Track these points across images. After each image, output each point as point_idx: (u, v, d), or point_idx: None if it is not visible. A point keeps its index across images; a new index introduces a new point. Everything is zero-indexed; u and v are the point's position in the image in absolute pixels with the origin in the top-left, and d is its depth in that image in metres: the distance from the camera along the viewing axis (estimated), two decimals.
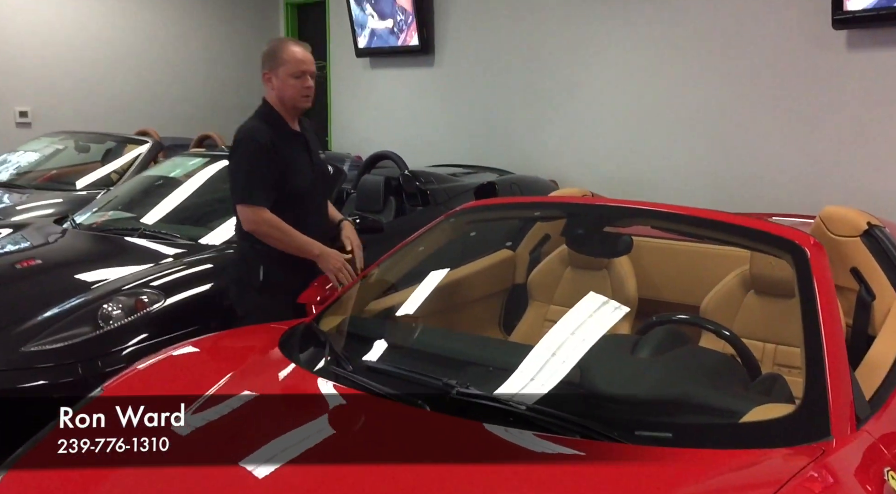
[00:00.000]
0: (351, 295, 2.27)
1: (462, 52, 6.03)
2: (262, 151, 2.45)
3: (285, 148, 2.51)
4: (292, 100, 2.53)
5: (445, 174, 4.68)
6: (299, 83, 2.51)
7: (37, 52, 6.44)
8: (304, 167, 2.55)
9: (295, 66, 2.50)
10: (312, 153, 2.61)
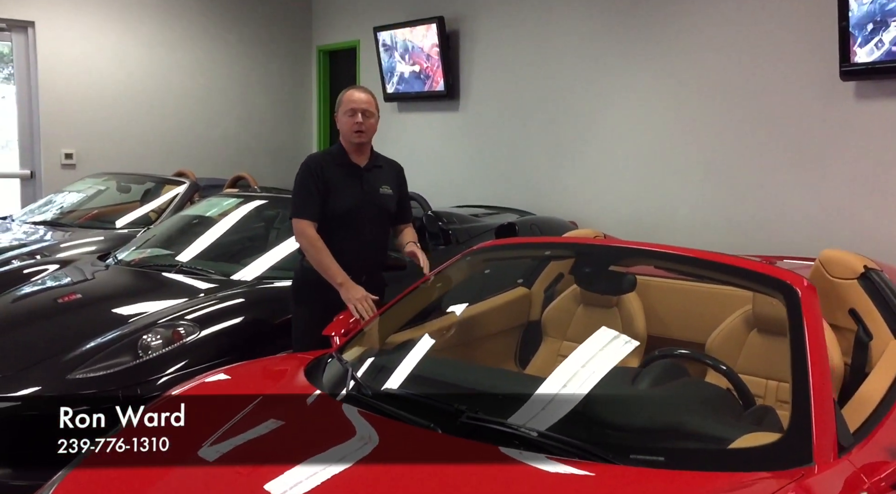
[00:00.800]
0: (373, 328, 2.42)
1: (486, 97, 6.25)
2: (309, 175, 2.83)
3: (333, 175, 2.83)
4: (347, 135, 2.88)
5: (468, 215, 4.86)
6: (350, 120, 2.84)
7: (82, 98, 6.80)
8: (348, 194, 2.83)
9: (346, 105, 2.86)
10: (366, 184, 2.88)
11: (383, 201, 2.93)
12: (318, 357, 2.29)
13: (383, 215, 2.94)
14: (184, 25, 7.31)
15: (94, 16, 6.78)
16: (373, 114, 2.91)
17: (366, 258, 2.88)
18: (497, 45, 6.10)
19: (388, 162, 3.06)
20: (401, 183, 3.05)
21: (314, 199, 2.80)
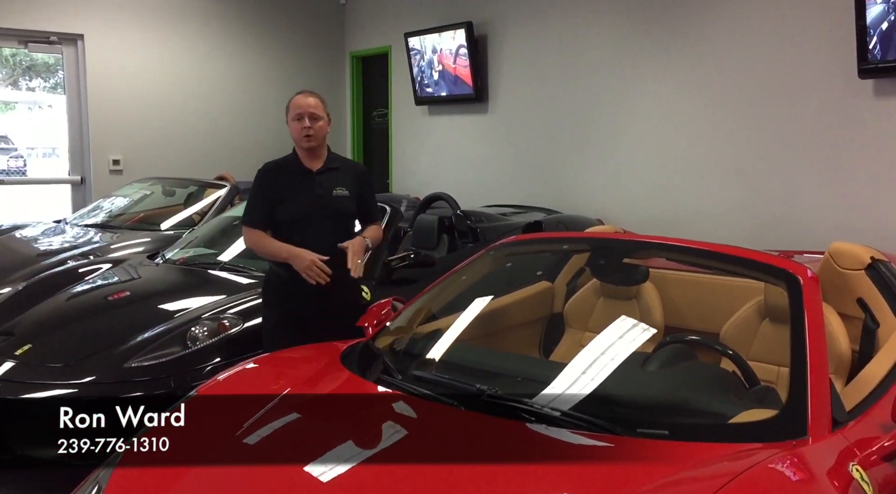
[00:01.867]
0: (403, 319, 2.59)
1: (514, 99, 6.40)
2: (260, 182, 2.92)
3: (285, 182, 2.89)
4: (297, 140, 2.89)
5: (496, 214, 5.01)
6: (298, 125, 2.85)
7: (128, 107, 7.11)
8: (299, 199, 2.86)
9: (293, 110, 2.87)
10: (319, 188, 2.87)
11: (338, 204, 2.90)
12: (352, 346, 2.47)
13: (340, 218, 2.92)
14: (222, 36, 7.59)
15: (139, 29, 7.10)
16: (321, 117, 2.89)
17: (326, 262, 2.81)
18: (525, 48, 6.24)
19: (347, 164, 3.05)
20: (362, 184, 3.00)
21: (261, 207, 2.88)
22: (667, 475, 1.56)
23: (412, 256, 3.78)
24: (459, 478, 1.62)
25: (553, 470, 1.63)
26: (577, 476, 1.60)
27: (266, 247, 2.88)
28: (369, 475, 1.68)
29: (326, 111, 2.94)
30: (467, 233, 4.46)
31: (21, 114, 7.17)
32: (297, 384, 2.14)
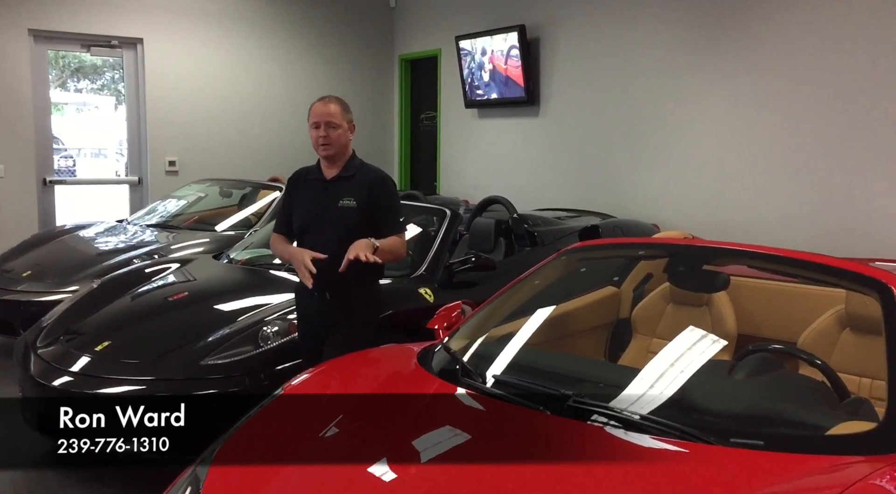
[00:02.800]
0: (476, 321, 2.60)
1: (566, 102, 6.37)
2: (287, 190, 2.98)
3: (301, 189, 2.91)
4: (315, 148, 2.86)
5: (551, 217, 5.00)
6: (315, 133, 2.82)
7: (184, 109, 7.27)
8: (305, 208, 2.86)
9: (311, 118, 2.85)
10: (326, 197, 2.83)
11: (340, 215, 2.80)
12: (426, 348, 2.49)
13: (343, 229, 2.77)
14: (275, 40, 7.71)
15: (195, 33, 7.25)
16: (339, 125, 2.83)
17: (327, 274, 2.72)
18: (578, 50, 6.22)
19: (364, 173, 2.90)
20: (375, 195, 2.84)
21: (282, 214, 2.95)
22: (765, 486, 1.54)
23: (473, 259, 3.79)
24: (548, 482, 1.62)
25: (644, 477, 1.62)
26: (671, 484, 1.59)
27: (276, 251, 2.95)
28: (455, 476, 1.69)
29: (348, 118, 2.89)
30: (524, 236, 4.45)
31: (69, 115, 7.36)
32: (377, 385, 2.16)
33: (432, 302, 3.60)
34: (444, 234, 3.99)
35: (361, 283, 2.84)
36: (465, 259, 3.79)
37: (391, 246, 2.82)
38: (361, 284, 2.85)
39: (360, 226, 2.78)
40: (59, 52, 7.00)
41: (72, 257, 4.95)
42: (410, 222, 4.30)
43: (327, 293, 2.82)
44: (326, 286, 2.79)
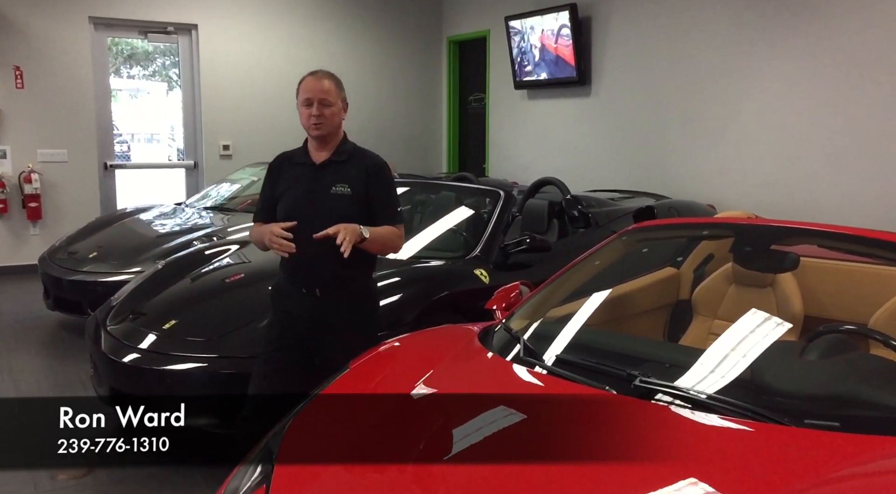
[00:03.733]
0: (536, 302, 2.60)
1: (619, 82, 6.27)
2: (268, 175, 2.68)
3: (287, 175, 2.61)
4: (306, 128, 2.57)
5: (604, 199, 4.95)
6: (307, 112, 2.54)
7: (237, 93, 7.39)
8: (292, 196, 2.56)
9: (302, 94, 2.56)
10: (316, 184, 2.55)
11: (333, 203, 2.52)
12: (486, 328, 2.50)
13: (335, 219, 2.44)
14: (324, 23, 7.77)
15: (248, 18, 7.35)
16: (333, 103, 2.55)
17: (317, 268, 2.50)
18: (631, 28, 6.10)
19: (358, 157, 2.62)
20: (371, 181, 2.58)
21: (262, 203, 2.65)
22: (843, 467, 1.51)
23: (528, 240, 3.78)
24: (621, 460, 1.62)
25: (717, 456, 1.60)
26: (745, 463, 1.57)
27: (254, 238, 2.63)
28: (525, 455, 1.70)
29: (342, 96, 2.61)
30: (578, 218, 4.42)
31: (123, 101, 7.55)
32: (440, 364, 2.18)
33: (488, 283, 3.61)
34: (499, 215, 3.99)
35: (354, 277, 2.56)
36: (520, 240, 3.78)
37: (385, 237, 2.55)
38: (354, 278, 2.57)
39: (354, 216, 2.49)
40: (114, 39, 7.17)
41: (133, 239, 5.10)
42: (463, 203, 4.31)
43: (317, 290, 2.53)
44: (315, 283, 2.53)
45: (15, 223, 6.66)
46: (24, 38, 6.47)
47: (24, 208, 6.63)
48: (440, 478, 1.66)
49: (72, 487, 2.79)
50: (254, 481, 1.75)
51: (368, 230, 2.45)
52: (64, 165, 6.75)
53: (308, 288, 2.55)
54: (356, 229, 2.41)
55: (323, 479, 1.71)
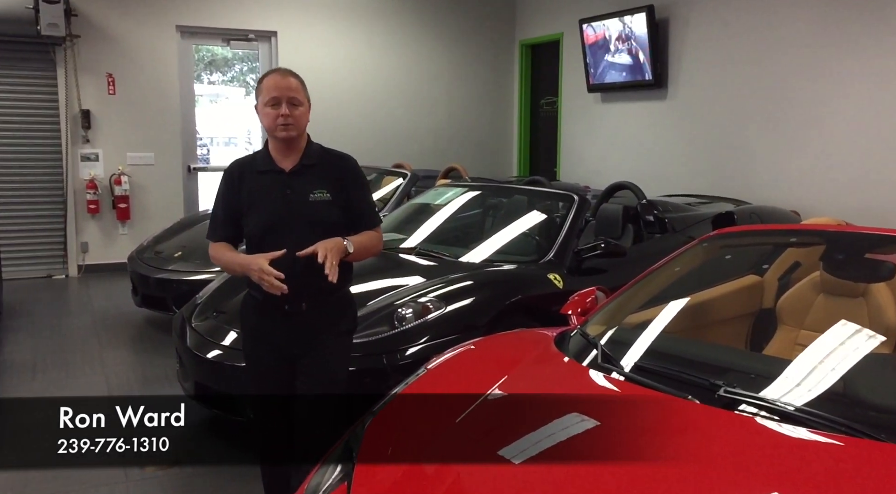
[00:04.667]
0: (613, 307, 2.57)
1: (697, 85, 6.13)
2: (224, 188, 2.39)
3: (251, 186, 2.35)
4: (271, 130, 2.32)
5: (681, 203, 4.84)
6: (273, 112, 2.29)
7: (313, 98, 7.51)
8: (266, 208, 2.32)
9: (267, 93, 2.31)
10: (291, 192, 2.33)
11: (315, 211, 2.32)
12: (562, 332, 2.48)
13: (318, 228, 2.29)
14: (398, 28, 7.87)
15: (325, 25, 7.53)
16: (301, 102, 2.34)
17: (302, 283, 2.26)
18: (712, 29, 5.96)
19: (329, 159, 2.43)
20: (348, 183, 2.40)
21: (223, 216, 2.38)
22: None
23: (602, 245, 3.74)
24: (706, 472, 1.59)
25: (808, 471, 1.55)
26: (837, 479, 1.52)
27: (222, 261, 2.38)
28: (604, 463, 1.68)
29: (307, 95, 2.39)
30: (654, 223, 4.34)
31: (203, 106, 7.84)
32: (516, 369, 2.18)
33: (561, 288, 3.59)
34: (573, 219, 3.96)
35: (338, 287, 2.35)
36: (595, 245, 3.74)
37: (368, 244, 2.40)
38: (338, 288, 2.37)
39: (337, 223, 2.34)
40: (198, 46, 7.46)
41: None
42: (536, 207, 4.30)
43: (304, 304, 2.33)
44: (301, 298, 2.31)
45: (106, 223, 7.01)
46: (117, 47, 6.80)
47: (114, 208, 6.97)
48: (518, 480, 1.67)
49: (159, 477, 2.92)
50: (335, 479, 1.79)
51: (352, 243, 2.30)
52: (151, 168, 7.06)
53: (292, 305, 2.32)
54: (340, 246, 2.24)
55: (403, 477, 1.73)
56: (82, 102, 6.73)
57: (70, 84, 6.67)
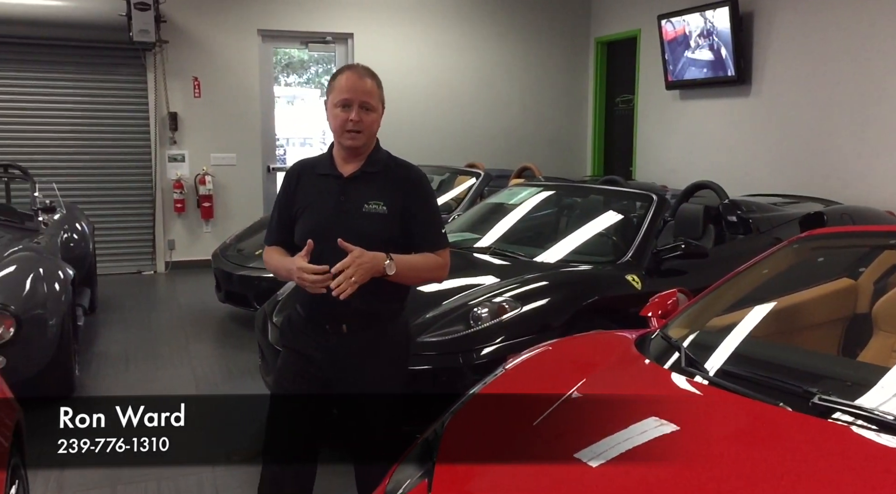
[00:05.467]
0: (696, 310, 2.50)
1: (783, 79, 5.90)
2: (283, 189, 2.23)
3: (309, 189, 2.17)
4: (337, 134, 2.12)
5: (766, 203, 4.67)
6: (343, 116, 2.08)
7: (388, 98, 7.59)
8: (314, 215, 2.13)
9: (339, 94, 2.09)
10: (344, 200, 2.11)
11: (365, 224, 2.08)
12: (642, 335, 2.43)
13: (367, 242, 2.03)
14: (472, 28, 7.89)
15: (401, 26, 7.62)
16: (374, 108, 2.11)
17: (342, 302, 1.99)
18: (801, 23, 5.72)
19: (392, 169, 2.17)
20: (408, 195, 2.14)
21: (278, 219, 2.21)
22: None
23: (683, 246, 3.64)
24: (800, 481, 1.52)
25: None
26: None
27: (272, 266, 2.20)
28: (686, 469, 1.64)
29: (383, 99, 2.17)
30: (737, 223, 4.20)
31: (280, 108, 8.03)
32: (596, 371, 2.15)
33: (640, 289, 3.52)
34: (651, 219, 3.87)
35: (388, 311, 2.15)
36: (675, 246, 3.65)
37: (421, 267, 2.11)
38: (388, 312, 2.15)
39: (390, 240, 2.09)
40: (276, 49, 7.67)
41: None
42: (612, 207, 4.22)
43: (344, 326, 2.10)
44: (342, 317, 2.09)
45: (191, 222, 7.30)
46: (203, 51, 7.07)
47: (199, 207, 7.25)
48: (595, 483, 1.64)
49: (244, 466, 3.01)
50: (415, 478, 1.80)
51: (395, 264, 2.02)
52: (233, 169, 7.31)
53: (332, 325, 2.11)
54: (375, 263, 1.99)
55: (482, 477, 1.74)
56: (170, 104, 7.02)
57: (159, 88, 6.97)
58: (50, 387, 3.48)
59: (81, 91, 6.86)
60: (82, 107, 6.88)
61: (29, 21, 6.37)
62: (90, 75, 6.86)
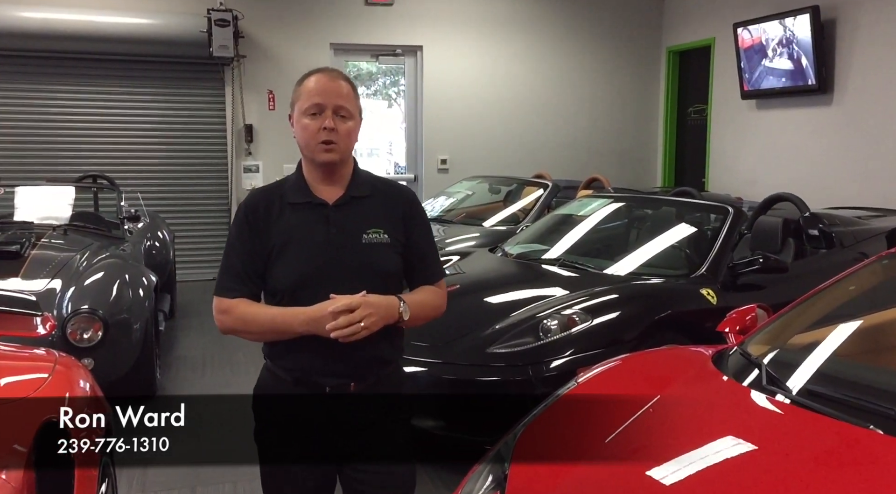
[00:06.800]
0: (775, 326, 2.41)
1: (868, 88, 5.67)
2: (241, 227, 1.76)
3: (281, 222, 1.75)
4: (309, 148, 1.74)
5: (850, 217, 4.48)
6: (314, 124, 1.72)
7: (455, 110, 7.73)
8: (302, 252, 1.73)
9: (308, 99, 1.73)
10: (336, 231, 1.74)
11: (368, 256, 1.74)
12: (720, 351, 2.36)
13: (371, 279, 1.72)
14: (541, 38, 7.88)
15: (469, 38, 7.67)
16: (351, 115, 1.75)
17: (348, 355, 1.70)
18: (884, 32, 5.49)
19: (383, 189, 1.83)
20: (408, 220, 1.81)
21: (239, 265, 1.74)
22: None
23: (761, 260, 3.53)
24: None
25: None
26: None
27: (269, 324, 1.71)
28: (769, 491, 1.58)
29: (360, 108, 1.80)
30: (819, 237, 4.04)
31: None
32: (672, 387, 2.10)
33: (715, 304, 3.42)
34: (727, 232, 3.77)
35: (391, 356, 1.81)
36: (752, 260, 3.54)
37: (428, 305, 1.81)
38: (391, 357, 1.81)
39: (396, 273, 1.79)
40: (348, 62, 7.82)
41: None
42: (685, 219, 4.13)
43: (352, 383, 1.74)
44: (348, 372, 1.73)
45: None
46: (277, 65, 7.28)
47: None
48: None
49: None
50: (488, 486, 1.80)
51: (409, 308, 1.73)
52: None
53: (341, 377, 1.73)
54: (391, 310, 1.70)
55: (555, 484, 1.72)
56: (246, 117, 7.25)
57: (236, 101, 7.21)
58: (134, 389, 3.62)
59: (164, 105, 7.16)
60: (165, 120, 7.18)
61: (117, 39, 6.69)
62: (172, 89, 7.15)
